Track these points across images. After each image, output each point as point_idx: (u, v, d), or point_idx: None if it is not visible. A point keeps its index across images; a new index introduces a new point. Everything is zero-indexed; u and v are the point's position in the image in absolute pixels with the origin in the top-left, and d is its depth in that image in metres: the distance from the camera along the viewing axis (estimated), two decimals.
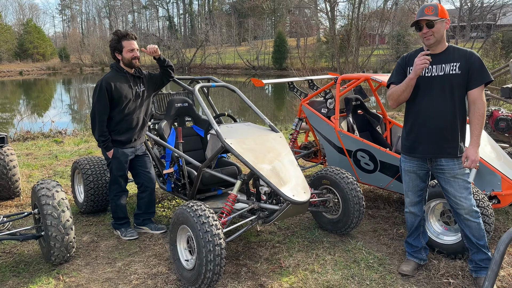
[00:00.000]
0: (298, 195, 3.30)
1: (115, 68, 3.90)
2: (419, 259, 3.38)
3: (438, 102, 3.01)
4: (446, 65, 2.99)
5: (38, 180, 5.99)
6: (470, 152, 2.91)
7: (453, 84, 2.97)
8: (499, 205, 3.84)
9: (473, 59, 2.95)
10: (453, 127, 3.02)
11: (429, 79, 3.04)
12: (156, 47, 3.93)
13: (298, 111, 5.49)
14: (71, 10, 73.26)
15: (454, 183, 3.06)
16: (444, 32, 3.00)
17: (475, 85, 2.93)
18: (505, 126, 5.90)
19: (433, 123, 3.04)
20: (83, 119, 16.54)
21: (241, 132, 3.74)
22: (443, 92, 3.00)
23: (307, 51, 40.91)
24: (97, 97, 3.77)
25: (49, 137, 10.03)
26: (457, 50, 3.02)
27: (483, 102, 2.95)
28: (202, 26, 52.83)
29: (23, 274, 3.40)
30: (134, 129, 3.94)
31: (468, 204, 3.04)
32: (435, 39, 2.98)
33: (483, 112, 2.95)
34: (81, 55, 53.72)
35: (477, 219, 3.06)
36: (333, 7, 19.05)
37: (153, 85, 4.11)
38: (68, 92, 31.18)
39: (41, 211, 3.35)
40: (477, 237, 3.07)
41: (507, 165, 3.96)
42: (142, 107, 4.00)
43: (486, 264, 3.07)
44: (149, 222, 4.22)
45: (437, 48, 3.03)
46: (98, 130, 3.80)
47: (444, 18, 2.96)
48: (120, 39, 3.85)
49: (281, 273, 3.36)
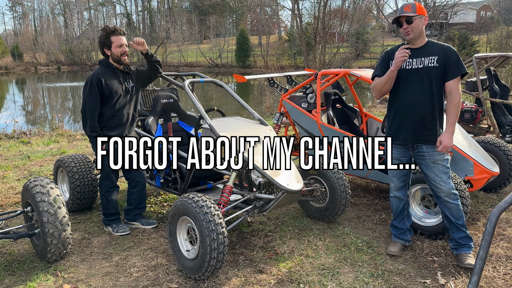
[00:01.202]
0: (292, 184, 3.46)
1: (105, 64, 3.93)
2: (405, 240, 3.63)
3: (418, 92, 3.27)
4: (425, 58, 3.25)
5: (13, 180, 5.83)
6: (444, 137, 3.17)
7: (431, 76, 3.23)
8: (471, 189, 4.16)
9: (450, 53, 3.20)
10: (432, 115, 3.27)
11: (409, 71, 3.29)
12: (143, 40, 3.97)
13: (279, 106, 5.64)
14: (22, 7, 70.04)
15: (434, 168, 3.31)
16: (422, 28, 3.24)
17: (451, 76, 3.19)
18: (469, 117, 6.33)
19: (414, 112, 3.29)
20: (40, 119, 15.98)
21: (233, 126, 3.85)
22: (422, 83, 3.26)
23: (270, 49, 41.27)
24: (87, 92, 3.78)
25: (13, 138, 9.68)
26: (436, 44, 3.28)
27: (459, 92, 3.21)
28: (162, 23, 52.05)
29: (18, 273, 3.36)
30: (125, 125, 3.99)
31: (447, 188, 3.30)
32: (414, 34, 3.24)
33: (459, 101, 3.21)
34: (35, 54, 51.51)
35: (456, 201, 3.33)
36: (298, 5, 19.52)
37: (141, 81, 4.16)
38: (22, 92, 29.86)
39: (36, 208, 3.32)
40: (456, 217, 3.34)
41: (477, 152, 4.29)
42: (131, 103, 4.05)
43: (465, 242, 3.36)
44: (140, 217, 4.24)
45: (417, 42, 3.29)
46: (90, 126, 3.81)
47: (422, 15, 3.21)
48: (108, 34, 3.89)
49: (278, 259, 3.51)
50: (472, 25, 40.15)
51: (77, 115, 18.45)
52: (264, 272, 3.31)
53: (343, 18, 35.69)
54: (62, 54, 50.20)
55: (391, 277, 3.22)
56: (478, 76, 6.27)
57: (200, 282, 3.18)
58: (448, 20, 37.79)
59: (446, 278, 3.18)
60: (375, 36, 40.98)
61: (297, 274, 3.27)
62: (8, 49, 53.32)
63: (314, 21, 17.20)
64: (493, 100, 6.31)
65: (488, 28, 36.58)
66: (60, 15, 63.87)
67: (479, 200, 4.74)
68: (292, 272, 3.30)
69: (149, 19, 61.33)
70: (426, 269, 3.32)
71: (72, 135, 9.50)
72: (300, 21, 20.41)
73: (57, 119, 12.12)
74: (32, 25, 66.76)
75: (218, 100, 20.34)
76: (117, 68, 3.95)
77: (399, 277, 3.21)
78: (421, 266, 3.36)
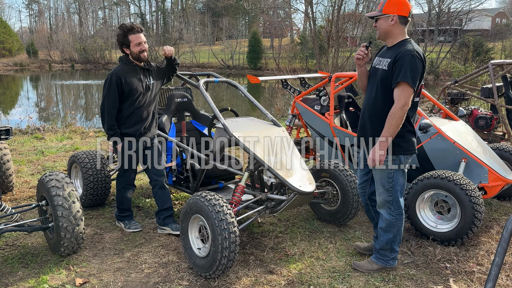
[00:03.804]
0: (304, 185, 3.46)
1: (124, 61, 3.89)
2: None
3: (369, 94, 3.16)
4: (383, 60, 3.06)
5: (27, 174, 5.91)
6: (372, 149, 3.00)
7: (378, 79, 3.05)
8: (485, 196, 4.12)
9: (400, 59, 2.91)
10: (375, 121, 3.10)
11: (374, 71, 3.16)
12: (173, 49, 3.98)
13: (291, 108, 5.65)
14: (38, 5, 71.01)
15: (376, 176, 3.18)
16: (389, 28, 3.00)
17: (393, 83, 2.95)
18: (484, 124, 6.27)
19: (364, 114, 3.20)
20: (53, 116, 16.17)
21: (247, 126, 3.86)
22: (373, 85, 3.14)
23: (281, 51, 41.31)
24: (106, 90, 3.77)
25: (27, 133, 9.81)
26: (400, 47, 2.98)
27: (398, 101, 2.90)
28: (176, 24, 52.37)
29: (31, 266, 3.40)
30: (144, 122, 3.94)
31: (379, 199, 3.18)
32: (379, 34, 3.08)
33: (394, 111, 2.91)
34: (50, 51, 52.15)
35: (388, 215, 3.17)
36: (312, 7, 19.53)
37: (161, 78, 4.12)
38: (36, 89, 30.24)
39: (51, 202, 3.36)
40: (384, 230, 3.22)
41: (492, 159, 4.25)
42: (152, 100, 3.99)
43: (376, 252, 3.31)
44: (170, 221, 4.04)
45: (387, 42, 3.10)
46: (107, 124, 3.80)
47: (389, 14, 2.96)
48: (126, 33, 3.81)
49: (288, 261, 3.51)
50: (487, 32, 39.76)
51: (89, 113, 18.65)
52: (274, 273, 3.31)
53: (356, 22, 35.63)
54: (76, 52, 50.70)
55: (402, 282, 3.20)
56: (494, 83, 6.21)
57: (210, 280, 3.19)
58: (462, 26, 37.52)
59: (459, 284, 3.15)
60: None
61: (308, 276, 3.26)
62: (23, 46, 54.06)
63: (327, 24, 17.14)
64: (509, 107, 6.25)
65: (504, 35, 36.18)
66: (75, 13, 64.64)
67: (493, 207, 4.69)
68: (302, 274, 3.29)
69: (163, 19, 61.74)
70: (438, 275, 3.29)
71: (85, 132, 9.60)
72: (314, 24, 20.36)
73: (70, 116, 12.27)
74: (47, 23, 67.68)
75: (229, 101, 20.41)
76: (137, 65, 3.90)
77: (410, 282, 3.19)
78: (433, 272, 3.33)
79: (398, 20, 2.97)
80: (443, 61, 31.19)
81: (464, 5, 32.65)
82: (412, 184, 3.92)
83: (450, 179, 3.65)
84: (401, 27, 3.01)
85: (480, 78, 11.74)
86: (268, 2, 43.61)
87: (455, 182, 3.62)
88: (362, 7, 35.85)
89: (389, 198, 3.16)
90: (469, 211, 3.56)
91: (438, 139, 4.25)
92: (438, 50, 32.15)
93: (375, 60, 3.20)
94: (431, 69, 30.11)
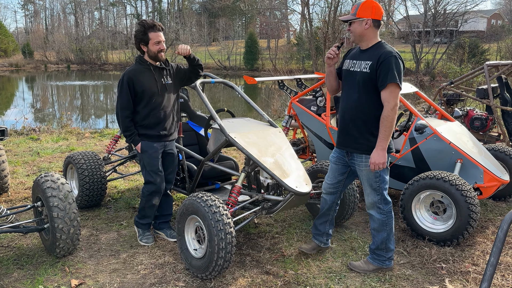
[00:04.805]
0: (301, 186, 3.46)
1: (139, 61, 3.70)
2: (320, 241, 3.61)
3: (349, 97, 3.16)
4: (362, 63, 3.08)
5: (23, 175, 5.88)
6: (372, 155, 3.03)
7: (360, 82, 3.07)
8: (481, 197, 4.13)
9: (382, 60, 2.96)
10: (359, 123, 3.11)
11: (349, 73, 3.19)
12: (188, 47, 3.69)
13: (288, 109, 5.65)
14: (34, 5, 70.76)
15: (361, 178, 3.23)
16: (363, 31, 3.05)
17: (381, 86, 2.98)
18: (479, 125, 6.30)
19: (345, 117, 3.21)
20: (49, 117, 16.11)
21: (243, 126, 3.86)
22: (353, 88, 3.14)
23: (278, 52, 41.34)
24: (119, 92, 3.62)
25: (22, 134, 9.77)
26: (378, 49, 3.04)
27: (389, 104, 2.95)
28: (172, 25, 52.32)
29: (27, 267, 3.39)
30: (163, 124, 3.72)
31: (369, 200, 3.23)
32: (353, 38, 3.14)
33: (387, 114, 2.96)
34: (46, 52, 51.93)
35: (378, 215, 3.22)
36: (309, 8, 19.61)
37: (180, 79, 3.89)
38: (31, 90, 30.10)
39: (46, 203, 3.35)
40: (377, 230, 3.27)
41: (488, 159, 4.27)
42: (169, 101, 3.78)
43: (372, 252, 3.34)
44: (166, 226, 4.00)
45: (363, 44, 3.14)
46: (122, 126, 3.65)
47: (362, 18, 3.01)
48: (146, 30, 3.59)
49: (285, 261, 3.51)
50: (483, 33, 39.94)
51: (85, 114, 18.60)
52: (271, 273, 3.31)
53: None
54: (72, 53, 50.49)
55: (398, 282, 3.20)
56: (489, 84, 6.23)
57: (207, 281, 3.19)
58: (458, 27, 37.66)
59: (454, 284, 3.16)
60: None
61: (304, 277, 3.26)
62: (19, 46, 53.83)
63: (324, 25, 17.19)
64: (504, 108, 6.28)
65: (499, 36, 36.36)
66: (71, 14, 64.44)
67: (488, 208, 4.71)
68: (299, 275, 3.29)
69: (159, 20, 61.62)
70: (434, 275, 3.30)
71: (81, 133, 9.57)
72: (310, 25, 20.42)
73: (65, 117, 12.23)
74: (43, 24, 67.46)
75: (225, 101, 20.41)
76: (152, 64, 3.68)
77: (406, 283, 3.20)
78: (428, 272, 3.34)
79: (372, 23, 3.04)
80: (439, 62, 31.30)
81: (460, 7, 32.81)
82: (408, 185, 3.93)
83: (446, 179, 3.67)
84: (375, 30, 3.08)
85: (475, 79, 11.81)
86: (265, 3, 43.64)
87: (451, 183, 3.64)
88: None
89: (377, 198, 3.20)
90: (464, 212, 3.58)
91: (434, 140, 4.27)
92: (434, 51, 32.26)
93: (346, 62, 3.24)
94: (427, 70, 30.22)
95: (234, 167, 4.35)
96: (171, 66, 3.84)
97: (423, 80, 26.00)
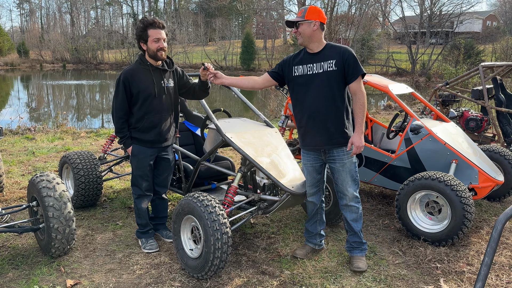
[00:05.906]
0: (297, 186, 3.47)
1: (139, 60, 3.58)
2: (314, 244, 3.65)
3: (320, 97, 3.24)
4: (324, 63, 3.22)
5: (18, 175, 5.86)
6: (355, 138, 3.18)
7: (331, 80, 3.21)
8: (475, 197, 4.16)
9: (347, 55, 3.18)
10: (336, 119, 3.25)
11: (310, 76, 3.27)
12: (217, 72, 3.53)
13: (284, 109, 5.65)
14: (29, 4, 70.43)
15: (343, 172, 3.32)
16: (312, 33, 3.20)
17: (352, 78, 3.18)
18: (474, 126, 6.34)
19: (317, 117, 3.27)
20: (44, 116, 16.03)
21: (239, 126, 3.86)
22: (323, 88, 3.23)
23: (274, 52, 41.38)
24: (115, 92, 3.54)
25: (17, 133, 9.73)
26: (333, 48, 3.25)
27: (362, 92, 3.20)
28: (169, 25, 52.21)
29: (22, 267, 3.38)
30: (158, 129, 3.59)
31: (351, 191, 3.35)
32: (302, 39, 3.25)
33: (364, 101, 3.20)
34: (41, 51, 51.71)
35: (358, 204, 3.41)
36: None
37: (183, 87, 3.76)
38: (26, 89, 29.94)
39: (42, 203, 3.34)
40: (355, 221, 3.42)
41: (482, 160, 4.29)
42: (168, 104, 3.63)
43: (358, 246, 3.46)
44: (161, 228, 3.97)
45: (313, 47, 3.27)
46: (115, 126, 3.58)
47: (311, 20, 3.17)
48: (146, 27, 3.48)
49: (280, 261, 3.51)
50: (478, 35, 40.15)
51: (81, 113, 18.53)
52: (267, 273, 3.32)
53: (349, 24, 35.81)
54: (67, 52, 50.32)
55: (394, 282, 3.22)
56: (484, 85, 6.27)
57: (202, 281, 3.19)
58: (454, 29, 37.87)
59: (449, 284, 3.18)
60: (381, 43, 41.04)
61: (300, 277, 3.27)
62: (14, 45, 53.54)
63: None
64: (499, 109, 6.32)
65: (494, 38, 36.58)
66: (67, 13, 64.13)
67: (483, 208, 4.74)
68: (294, 275, 3.30)
69: None
70: (429, 275, 3.32)
71: (77, 133, 9.54)
72: None
73: (61, 116, 12.18)
74: (38, 23, 67.09)
75: (221, 102, 20.39)
76: (152, 64, 3.56)
77: (401, 282, 3.21)
78: (423, 272, 3.36)
79: (319, 26, 3.21)
80: (434, 63, 31.45)
81: (456, 8, 33.02)
82: (403, 185, 3.95)
83: (441, 180, 3.69)
84: (321, 32, 3.26)
85: (470, 80, 11.86)
86: (261, 3, 43.72)
87: (446, 183, 3.66)
88: (355, 9, 36.00)
89: (355, 187, 3.38)
90: (459, 212, 3.60)
91: (429, 140, 4.29)
92: (430, 52, 32.44)
93: (299, 68, 3.31)
94: (423, 71, 30.34)
95: (230, 167, 4.35)
96: (175, 69, 3.72)
97: (419, 81, 26.12)
